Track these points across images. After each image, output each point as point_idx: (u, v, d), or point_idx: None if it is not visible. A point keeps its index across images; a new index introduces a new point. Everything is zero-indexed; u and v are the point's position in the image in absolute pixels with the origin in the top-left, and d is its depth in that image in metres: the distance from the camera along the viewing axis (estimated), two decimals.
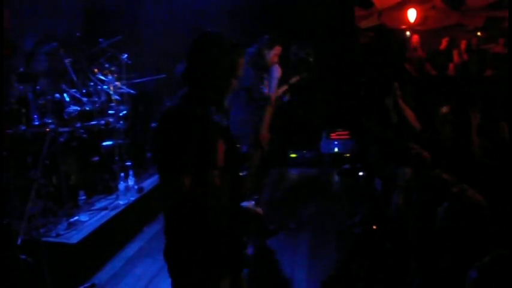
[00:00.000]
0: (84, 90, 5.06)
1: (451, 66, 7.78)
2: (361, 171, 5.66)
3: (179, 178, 1.88)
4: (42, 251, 3.35)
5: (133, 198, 4.78)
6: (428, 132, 3.98)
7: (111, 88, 5.11)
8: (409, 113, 4.11)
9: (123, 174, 4.80)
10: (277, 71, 4.49)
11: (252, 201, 2.11)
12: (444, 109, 3.82)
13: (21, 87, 4.36)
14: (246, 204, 2.10)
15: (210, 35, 2.04)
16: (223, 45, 2.00)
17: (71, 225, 4.00)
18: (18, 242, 3.23)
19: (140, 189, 4.99)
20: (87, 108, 4.82)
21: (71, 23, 6.31)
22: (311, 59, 6.15)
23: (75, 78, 5.03)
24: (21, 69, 4.61)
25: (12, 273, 3.21)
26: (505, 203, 2.59)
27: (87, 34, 6.02)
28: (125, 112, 5.25)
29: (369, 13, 8.16)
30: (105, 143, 4.79)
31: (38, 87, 4.60)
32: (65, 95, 4.77)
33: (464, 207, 2.22)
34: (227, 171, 2.03)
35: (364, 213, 3.88)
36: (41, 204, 3.96)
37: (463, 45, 7.88)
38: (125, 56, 5.37)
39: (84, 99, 4.90)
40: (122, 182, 4.71)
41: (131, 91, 5.41)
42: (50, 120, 4.31)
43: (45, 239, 3.62)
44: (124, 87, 5.36)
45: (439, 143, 3.77)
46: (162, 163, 1.96)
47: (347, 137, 6.96)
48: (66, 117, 4.57)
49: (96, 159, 4.72)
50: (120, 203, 4.61)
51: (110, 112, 5.00)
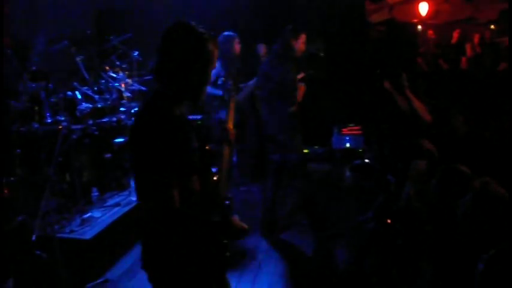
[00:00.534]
0: (95, 88, 5.12)
1: (464, 60, 7.68)
2: (373, 166, 5.62)
3: (168, 193, 1.70)
4: (56, 247, 3.40)
5: None
6: (441, 127, 3.94)
7: (123, 85, 5.15)
8: (419, 105, 4.06)
9: None
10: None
11: (237, 215, 1.94)
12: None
13: (34, 85, 4.41)
14: (235, 217, 1.93)
15: (183, 25, 1.85)
16: (200, 35, 1.82)
17: (84, 222, 4.04)
18: (33, 238, 3.29)
19: None
20: (99, 106, 4.86)
21: (81, 21, 6.36)
22: (322, 54, 6.13)
23: (86, 76, 5.08)
24: (34, 68, 4.66)
25: (28, 269, 3.26)
26: None
27: (98, 32, 6.06)
28: (136, 109, 5.27)
29: (380, 7, 8.05)
30: (117, 140, 4.81)
31: (50, 85, 4.65)
32: (77, 92, 4.82)
33: (488, 200, 2.23)
34: (201, 172, 1.92)
35: (376, 208, 3.85)
36: (55, 201, 4.01)
37: (476, 38, 7.76)
38: (136, 53, 5.41)
39: (96, 97, 4.96)
40: None
41: (142, 88, 5.43)
42: (62, 118, 4.36)
43: (59, 235, 3.68)
44: (135, 84, 5.39)
45: (453, 136, 3.73)
46: (147, 176, 1.75)
47: (359, 132, 6.91)
48: (78, 114, 4.62)
49: (108, 156, 4.74)
50: (133, 199, 4.62)
51: (122, 109, 5.02)
